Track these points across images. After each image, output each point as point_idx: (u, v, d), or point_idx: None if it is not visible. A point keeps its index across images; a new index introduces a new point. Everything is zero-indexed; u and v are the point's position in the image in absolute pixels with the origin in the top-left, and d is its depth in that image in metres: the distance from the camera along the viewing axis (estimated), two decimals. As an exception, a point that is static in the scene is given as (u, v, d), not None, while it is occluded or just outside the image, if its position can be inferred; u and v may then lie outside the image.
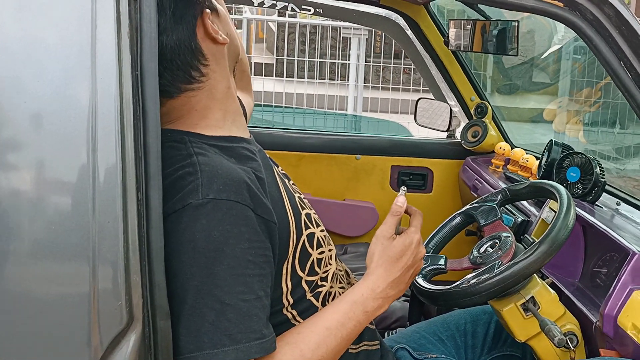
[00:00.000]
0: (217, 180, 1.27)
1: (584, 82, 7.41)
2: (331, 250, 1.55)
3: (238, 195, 1.27)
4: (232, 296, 1.24)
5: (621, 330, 1.62)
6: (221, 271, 1.24)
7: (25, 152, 1.06)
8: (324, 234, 1.53)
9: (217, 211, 1.25)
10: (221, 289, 1.23)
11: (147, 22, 1.12)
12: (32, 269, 1.06)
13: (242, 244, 1.26)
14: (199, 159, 1.31)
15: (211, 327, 1.23)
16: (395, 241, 1.46)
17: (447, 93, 3.33)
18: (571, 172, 2.37)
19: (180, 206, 1.25)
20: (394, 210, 1.47)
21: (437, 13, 3.19)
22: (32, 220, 1.06)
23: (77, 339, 1.09)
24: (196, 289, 1.23)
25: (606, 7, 1.54)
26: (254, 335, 1.25)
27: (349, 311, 1.40)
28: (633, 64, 1.58)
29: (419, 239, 1.49)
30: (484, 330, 1.99)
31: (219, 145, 1.38)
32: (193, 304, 1.23)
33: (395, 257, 1.45)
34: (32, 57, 1.05)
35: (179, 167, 1.30)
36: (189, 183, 1.27)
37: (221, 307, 1.23)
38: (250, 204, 1.29)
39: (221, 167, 1.31)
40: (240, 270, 1.25)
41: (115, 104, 1.08)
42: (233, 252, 1.25)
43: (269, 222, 1.32)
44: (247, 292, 1.26)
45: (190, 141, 1.35)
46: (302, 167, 3.27)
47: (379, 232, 1.47)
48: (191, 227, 1.24)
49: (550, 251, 1.65)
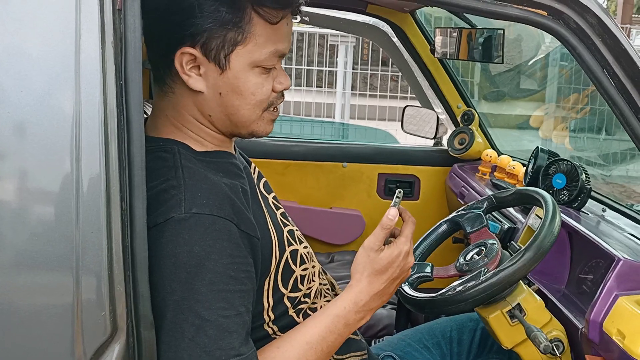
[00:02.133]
0: (201, 195, 1.27)
1: (571, 89, 7.45)
2: (314, 267, 1.54)
3: (221, 210, 1.27)
4: (212, 312, 1.23)
5: (606, 336, 1.63)
6: (202, 286, 1.23)
7: (8, 161, 1.05)
8: (307, 251, 1.52)
9: (199, 226, 1.24)
10: (202, 304, 1.22)
11: (131, 31, 1.12)
12: (15, 280, 1.06)
13: (224, 259, 1.25)
14: (184, 172, 1.30)
15: (190, 343, 1.22)
16: (382, 253, 1.42)
17: (434, 100, 3.34)
18: (557, 178, 2.38)
19: (163, 220, 1.24)
20: (384, 223, 1.42)
21: (423, 21, 3.20)
22: (15, 230, 1.05)
23: (61, 350, 1.09)
24: (176, 304, 1.22)
25: (589, 15, 1.55)
26: (233, 352, 1.24)
27: (330, 325, 1.38)
28: (616, 71, 1.59)
29: (407, 249, 1.44)
30: (469, 337, 1.99)
31: (206, 160, 1.37)
32: (173, 319, 1.22)
33: (380, 270, 1.42)
34: (15, 66, 1.04)
35: (163, 179, 1.30)
36: (172, 197, 1.27)
37: (201, 322, 1.22)
38: (234, 219, 1.28)
39: (205, 182, 1.30)
40: (222, 286, 1.24)
41: (99, 113, 1.08)
42: (215, 267, 1.24)
43: (252, 238, 1.32)
44: (228, 308, 1.25)
45: (179, 152, 1.35)
46: (289, 175, 3.26)
47: (366, 243, 1.43)
48: (173, 242, 1.23)
49: (535, 258, 1.66)
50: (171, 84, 1.38)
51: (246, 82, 1.36)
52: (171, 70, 1.35)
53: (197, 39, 1.31)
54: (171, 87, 1.38)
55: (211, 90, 1.36)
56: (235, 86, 1.36)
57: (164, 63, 1.36)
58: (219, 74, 1.35)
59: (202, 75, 1.35)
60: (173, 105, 1.40)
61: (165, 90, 1.39)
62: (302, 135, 6.67)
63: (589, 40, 1.57)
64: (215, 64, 1.34)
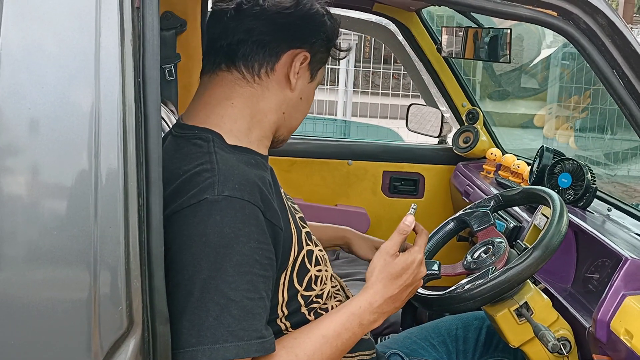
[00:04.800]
0: (233, 179, 1.31)
1: (574, 88, 7.45)
2: (327, 271, 1.57)
3: (251, 196, 1.31)
4: (238, 293, 1.26)
5: (614, 336, 1.64)
6: (229, 267, 1.26)
7: (28, 157, 1.06)
8: (322, 254, 1.56)
9: (230, 209, 1.28)
10: (228, 284, 1.26)
11: (149, 29, 1.13)
12: (34, 275, 1.07)
13: (252, 243, 1.29)
14: (218, 157, 1.35)
15: (214, 322, 1.24)
16: (397, 259, 1.47)
17: (439, 99, 3.35)
18: (563, 178, 2.38)
19: (196, 200, 1.28)
20: (401, 228, 1.49)
21: (428, 19, 3.21)
22: (33, 225, 1.07)
23: (78, 344, 1.10)
24: (203, 283, 1.25)
25: (599, 16, 1.56)
26: (255, 334, 1.27)
27: (345, 322, 1.41)
28: (625, 72, 1.60)
29: (421, 259, 1.50)
30: (475, 335, 2.00)
31: (236, 152, 1.41)
32: (199, 297, 1.25)
33: (395, 275, 1.46)
34: (36, 64, 1.05)
35: (198, 163, 1.34)
36: (206, 179, 1.30)
37: (226, 302, 1.25)
38: (261, 206, 1.32)
39: (237, 168, 1.35)
40: (248, 268, 1.28)
41: (117, 110, 1.09)
42: (242, 249, 1.27)
43: (276, 227, 1.36)
44: (253, 291, 1.28)
45: (213, 140, 1.39)
46: (294, 172, 3.27)
47: (383, 247, 1.49)
48: (204, 222, 1.27)
49: (543, 257, 1.67)
50: (263, 76, 1.44)
51: (312, 96, 1.56)
52: (274, 64, 1.44)
53: (314, 47, 1.47)
54: (261, 79, 1.45)
55: (297, 93, 1.49)
56: (310, 96, 1.54)
57: (266, 56, 1.44)
58: (308, 82, 1.51)
59: (299, 77, 1.48)
60: (250, 95, 1.45)
61: (249, 80, 1.45)
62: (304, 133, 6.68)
63: (599, 41, 1.58)
64: (309, 73, 1.50)
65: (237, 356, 1.25)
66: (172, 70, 2.83)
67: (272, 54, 1.44)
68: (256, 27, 1.42)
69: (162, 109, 2.32)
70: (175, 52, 2.84)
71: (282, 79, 1.46)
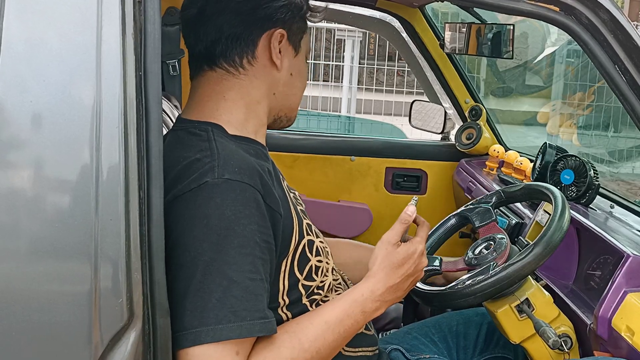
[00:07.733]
0: (233, 163, 1.33)
1: (577, 85, 7.44)
2: (329, 263, 1.57)
3: (251, 179, 1.33)
4: (240, 274, 1.27)
5: (615, 333, 1.64)
6: (231, 249, 1.27)
7: (29, 151, 1.07)
8: (323, 246, 1.57)
9: (230, 191, 1.30)
10: (229, 266, 1.27)
11: (151, 23, 1.13)
12: (35, 267, 1.07)
13: (252, 225, 1.30)
14: (217, 144, 1.37)
15: (217, 303, 1.25)
16: (399, 248, 1.48)
17: (442, 95, 3.34)
18: (565, 174, 2.38)
19: (197, 185, 1.30)
20: (403, 218, 1.50)
21: (431, 16, 3.21)
22: (35, 218, 1.07)
23: (78, 336, 1.10)
24: (205, 265, 1.26)
25: (601, 11, 1.56)
26: (258, 314, 1.28)
27: (347, 309, 1.42)
28: (627, 67, 1.59)
29: (422, 249, 1.51)
30: (475, 331, 2.00)
31: (237, 142, 1.43)
32: (201, 279, 1.26)
33: (397, 264, 1.47)
34: (37, 58, 1.06)
35: (197, 150, 1.36)
36: (206, 164, 1.33)
37: (228, 283, 1.26)
38: (261, 190, 1.34)
39: (237, 153, 1.37)
40: (249, 250, 1.29)
41: (119, 104, 1.10)
42: (243, 231, 1.29)
43: (275, 213, 1.37)
44: (254, 272, 1.30)
45: (212, 131, 1.41)
46: (297, 168, 3.27)
47: (385, 237, 1.50)
48: (206, 204, 1.28)
49: (545, 253, 1.66)
50: (247, 66, 1.46)
51: (305, 67, 1.55)
52: (254, 51, 1.46)
53: (287, 22, 1.47)
54: (245, 69, 1.46)
55: (286, 71, 1.50)
56: (301, 69, 1.54)
57: (243, 47, 1.45)
58: (294, 56, 1.51)
59: (283, 55, 1.49)
60: (240, 86, 1.46)
61: (234, 73, 1.46)
62: (308, 129, 6.68)
63: (601, 36, 1.58)
64: (292, 47, 1.50)
65: (241, 336, 1.26)
66: (176, 66, 2.83)
67: (248, 43, 1.45)
68: (224, 22, 1.44)
69: (166, 103, 2.33)
70: (179, 48, 2.84)
71: (267, 62, 1.47)
